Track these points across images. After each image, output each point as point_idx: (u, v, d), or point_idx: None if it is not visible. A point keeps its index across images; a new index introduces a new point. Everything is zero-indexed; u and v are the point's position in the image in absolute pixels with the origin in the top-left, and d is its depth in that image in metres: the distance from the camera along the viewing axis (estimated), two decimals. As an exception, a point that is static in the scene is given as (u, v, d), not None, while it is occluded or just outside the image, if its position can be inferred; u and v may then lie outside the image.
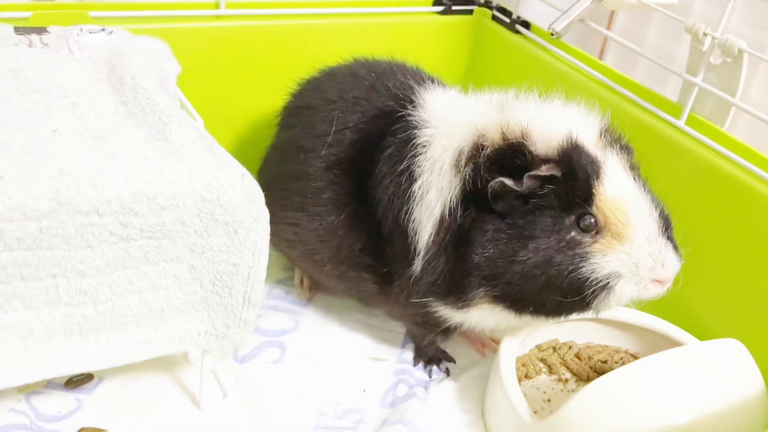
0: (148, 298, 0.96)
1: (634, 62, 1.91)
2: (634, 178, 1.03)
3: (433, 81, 1.25)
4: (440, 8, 1.70)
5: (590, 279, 0.98)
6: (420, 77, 1.24)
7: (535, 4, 1.67)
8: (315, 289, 1.39)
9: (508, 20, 1.68)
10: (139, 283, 0.95)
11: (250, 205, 0.97)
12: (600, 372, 1.25)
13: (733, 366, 1.03)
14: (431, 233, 1.06)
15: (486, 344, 1.32)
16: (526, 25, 1.65)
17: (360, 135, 1.17)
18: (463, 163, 1.04)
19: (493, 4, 1.73)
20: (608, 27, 1.95)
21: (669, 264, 1.00)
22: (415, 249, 1.08)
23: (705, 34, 1.27)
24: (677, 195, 1.24)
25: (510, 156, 1.01)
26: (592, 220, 0.99)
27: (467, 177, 1.03)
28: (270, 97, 1.42)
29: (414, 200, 1.08)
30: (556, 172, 0.98)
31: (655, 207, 1.02)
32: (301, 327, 1.31)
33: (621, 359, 1.27)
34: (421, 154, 1.09)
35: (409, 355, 1.29)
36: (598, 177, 1.00)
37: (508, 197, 1.00)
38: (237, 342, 1.05)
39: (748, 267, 1.19)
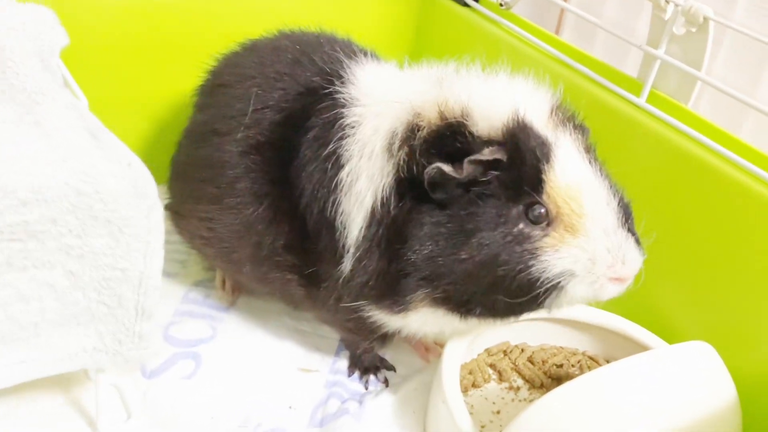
0: (15, 311, 0.81)
1: (593, 37, 1.79)
2: (590, 162, 0.91)
3: (366, 54, 1.10)
4: (381, -22, 1.56)
5: (540, 278, 0.87)
6: (351, 50, 1.10)
7: (483, -26, 1.53)
8: (239, 291, 1.25)
9: (455, -9, 1.54)
10: (2, 294, 0.79)
11: (138, 198, 0.82)
12: (555, 378, 1.14)
13: (703, 371, 0.94)
14: (362, 227, 0.93)
15: (430, 349, 1.20)
16: (475, -4, 1.51)
17: (281, 115, 1.03)
18: (396, 146, 0.92)
19: (439, -26, 1.59)
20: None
21: (630, 260, 0.89)
22: (344, 245, 0.95)
23: (667, 1, 1.15)
24: (638, 179, 1.14)
25: (449, 138, 0.88)
26: (542, 211, 0.87)
27: (401, 162, 0.90)
28: (190, 76, 1.26)
29: (342, 189, 0.95)
30: (501, 156, 0.86)
31: (614, 195, 0.90)
32: (220, 335, 1.16)
33: (578, 362, 1.16)
34: (349, 136, 0.96)
35: (343, 364, 1.16)
36: (548, 161, 0.87)
37: (448, 185, 0.87)
38: (132, 359, 0.90)
39: (716, 257, 1.09)
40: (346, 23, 1.45)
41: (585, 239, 0.87)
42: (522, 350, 1.17)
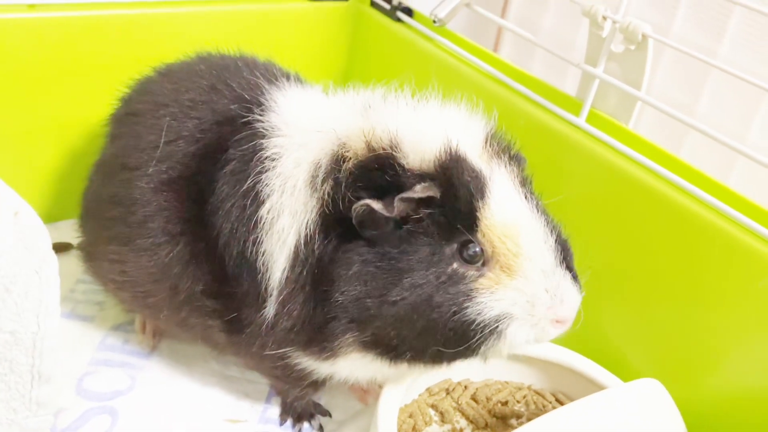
0: None
1: (532, 53, 1.75)
2: (526, 197, 0.85)
3: (289, 78, 1.03)
4: (310, -6, 1.49)
5: (477, 322, 0.81)
6: (272, 74, 1.02)
7: (417, -12, 1.47)
8: (161, 335, 1.16)
9: (388, 6, 1.48)
10: None
11: (26, 252, 0.73)
12: (499, 416, 1.09)
13: (653, 410, 0.92)
14: (285, 268, 0.86)
15: (368, 390, 1.13)
16: (409, 12, 1.45)
17: (196, 147, 0.96)
18: (320, 179, 0.85)
19: (372, -11, 1.53)
20: (502, 15, 1.78)
21: (569, 300, 0.84)
22: (266, 288, 0.88)
23: (605, 18, 1.10)
24: (579, 203, 1.10)
25: (377, 170, 0.82)
26: (477, 250, 0.81)
27: (326, 197, 0.84)
28: (105, 104, 1.17)
29: (262, 227, 0.88)
30: (434, 193, 0.80)
31: (551, 231, 0.85)
32: (139, 385, 1.07)
33: (524, 397, 1.11)
34: (269, 169, 0.89)
35: (274, 412, 1.08)
36: (483, 197, 0.81)
37: (378, 222, 0.80)
38: (30, 429, 0.80)
39: (660, 284, 1.06)
40: (276, 42, 1.39)
41: (523, 280, 0.82)
42: (465, 387, 1.11)
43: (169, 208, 0.94)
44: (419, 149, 0.82)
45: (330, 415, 1.09)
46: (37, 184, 1.30)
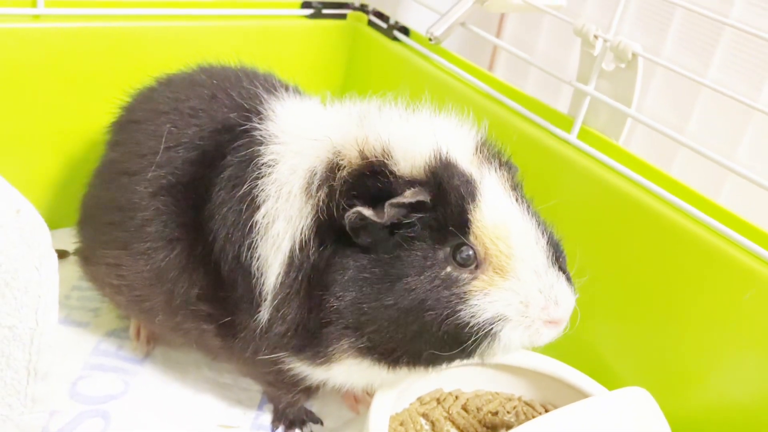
0: None
1: (526, 74, 1.78)
2: (517, 200, 0.87)
3: (287, 89, 1.05)
4: (309, 11, 1.51)
5: (470, 324, 0.82)
6: (272, 85, 1.05)
7: (414, 8, 1.51)
8: (155, 341, 1.16)
9: (385, 26, 1.51)
10: None
11: (26, 248, 0.74)
12: (490, 426, 1.09)
13: (641, 418, 0.93)
14: (279, 273, 0.88)
15: (359, 399, 1.14)
16: (405, 31, 1.48)
17: (195, 153, 0.97)
18: (315, 186, 0.87)
19: (369, 8, 1.56)
20: (497, 35, 1.82)
21: (563, 300, 0.84)
22: (260, 293, 0.89)
23: (596, 37, 1.13)
24: (569, 217, 1.11)
25: (369, 178, 0.84)
26: (471, 253, 0.83)
27: (321, 204, 0.85)
28: (105, 113, 1.19)
29: (257, 232, 0.89)
30: (423, 198, 0.81)
31: (543, 233, 0.86)
32: (132, 390, 1.08)
33: (514, 408, 1.12)
34: (265, 175, 0.91)
35: (266, 418, 1.09)
36: (474, 200, 0.83)
37: (372, 229, 0.82)
38: (25, 425, 0.81)
39: (649, 297, 1.07)
40: (275, 58, 1.41)
41: (516, 281, 0.83)
42: (456, 397, 1.12)
43: (166, 212, 0.96)
44: (410, 156, 0.84)
45: (322, 423, 1.10)
46: (35, 191, 1.31)
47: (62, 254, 1.30)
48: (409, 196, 0.80)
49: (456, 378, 1.13)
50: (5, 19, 1.22)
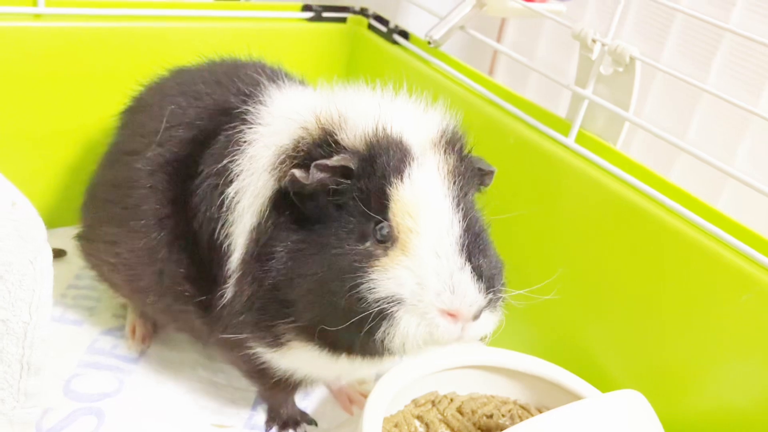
0: None
1: (526, 78, 1.79)
2: (450, 186, 0.84)
3: (292, 80, 1.06)
4: (310, 15, 1.52)
5: (368, 300, 0.78)
6: (277, 75, 1.05)
7: (414, 12, 1.51)
8: (150, 340, 1.16)
9: (385, 29, 1.51)
10: None
11: (21, 241, 0.74)
12: (484, 429, 1.09)
13: (635, 421, 0.91)
14: (243, 250, 0.88)
15: (354, 400, 1.13)
16: (405, 35, 1.49)
17: (193, 133, 0.99)
18: (280, 160, 0.86)
19: (369, 12, 1.56)
20: (498, 40, 1.82)
21: (461, 291, 0.78)
22: (228, 270, 0.89)
23: (594, 41, 1.14)
24: (565, 220, 1.11)
25: (319, 147, 0.84)
26: (388, 230, 0.81)
27: (280, 175, 0.85)
28: (107, 112, 1.20)
29: (227, 208, 0.90)
30: (348, 164, 0.81)
31: (464, 221, 0.81)
32: (127, 388, 1.07)
33: (509, 411, 1.11)
34: (242, 152, 0.91)
35: (260, 418, 1.08)
36: (400, 176, 0.81)
37: (306, 193, 0.82)
38: (17, 420, 0.81)
39: (645, 301, 1.07)
40: (274, 60, 1.41)
41: (414, 260, 0.79)
42: (451, 400, 1.12)
43: (161, 190, 0.97)
44: (356, 128, 0.84)
45: (316, 424, 1.09)
46: (35, 189, 1.31)
47: (60, 253, 1.31)
48: (334, 161, 0.80)
49: (451, 381, 1.12)
50: (6, 18, 1.22)
